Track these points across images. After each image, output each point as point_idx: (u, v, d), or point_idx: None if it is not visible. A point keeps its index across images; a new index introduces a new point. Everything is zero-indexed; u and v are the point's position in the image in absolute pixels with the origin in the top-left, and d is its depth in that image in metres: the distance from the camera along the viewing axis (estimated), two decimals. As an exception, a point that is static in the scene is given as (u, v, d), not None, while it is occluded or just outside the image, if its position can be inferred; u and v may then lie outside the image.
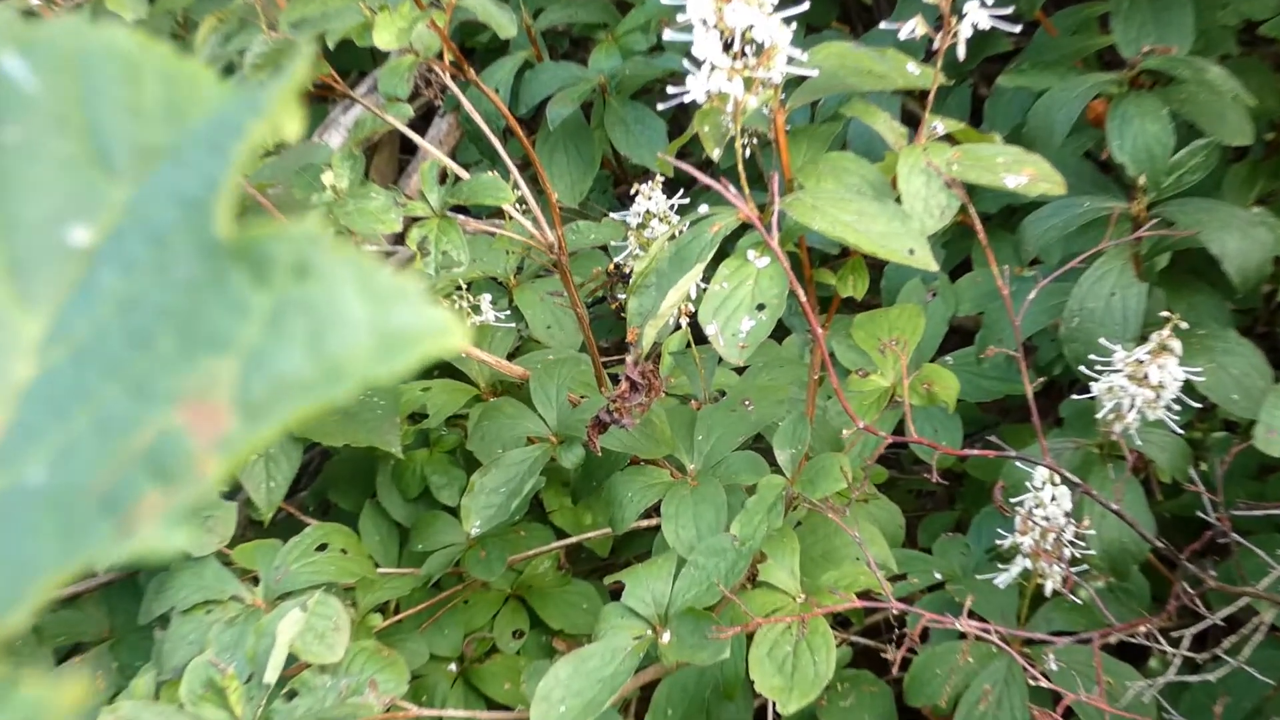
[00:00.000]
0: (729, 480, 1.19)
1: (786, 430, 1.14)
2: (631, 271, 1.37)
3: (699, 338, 1.33)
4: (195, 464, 0.24)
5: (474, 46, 2.28)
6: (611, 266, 1.34)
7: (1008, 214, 1.74)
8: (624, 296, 1.43)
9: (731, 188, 0.96)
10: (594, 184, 1.97)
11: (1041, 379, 1.16)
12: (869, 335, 1.19)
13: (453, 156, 2.37)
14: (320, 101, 2.25)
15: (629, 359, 1.03)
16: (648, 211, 1.34)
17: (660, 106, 1.01)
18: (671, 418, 1.26)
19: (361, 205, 1.11)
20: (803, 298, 0.97)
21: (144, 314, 0.27)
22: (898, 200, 1.03)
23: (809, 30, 1.73)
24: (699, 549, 1.12)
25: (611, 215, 1.44)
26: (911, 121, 1.78)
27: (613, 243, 1.45)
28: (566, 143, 1.89)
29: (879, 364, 1.20)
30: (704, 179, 0.97)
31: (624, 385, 1.03)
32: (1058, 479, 1.23)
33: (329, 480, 1.52)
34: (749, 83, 0.99)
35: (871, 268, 1.12)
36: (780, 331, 1.69)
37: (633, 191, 1.35)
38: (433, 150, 1.23)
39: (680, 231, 1.32)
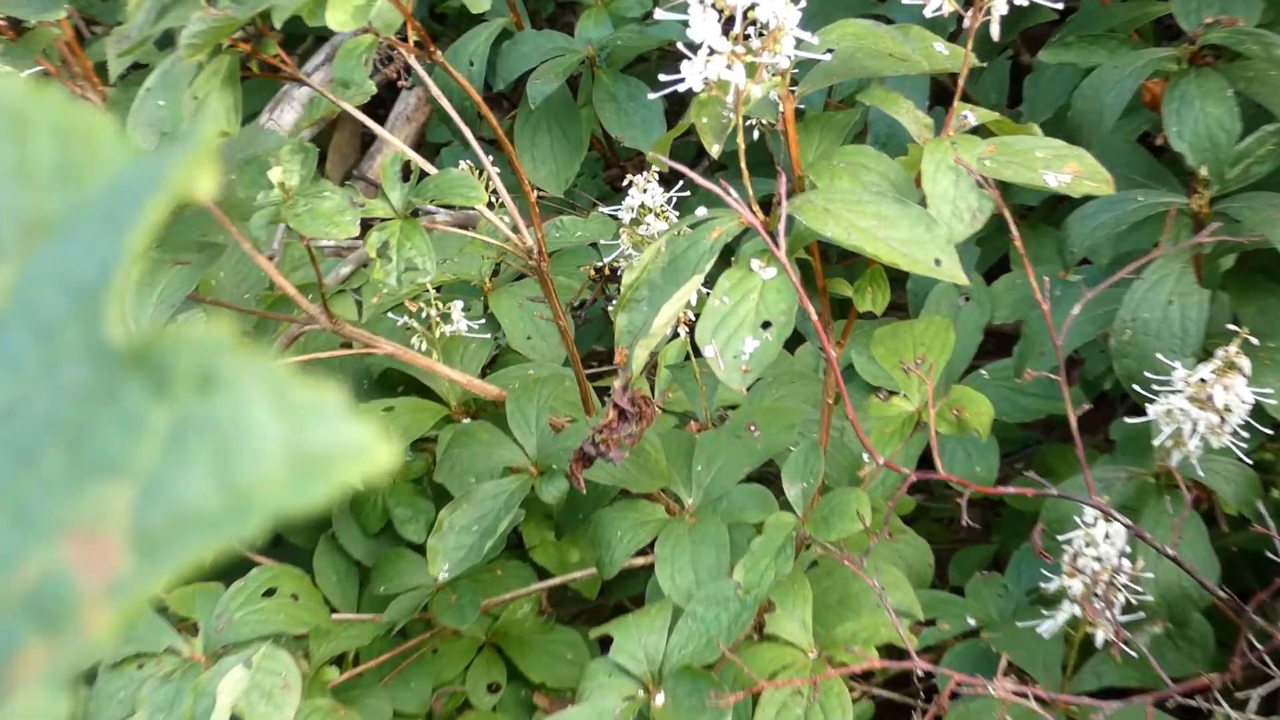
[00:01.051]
0: (732, 518, 1.19)
1: (797, 462, 1.14)
2: (621, 272, 1.36)
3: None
4: (83, 611, 0.24)
5: (445, 11, 2.27)
6: (593, 271, 1.34)
7: (1051, 205, 1.74)
8: (615, 302, 1.43)
9: (733, 191, 0.95)
10: (581, 168, 1.97)
11: (1088, 406, 1.15)
12: (890, 352, 1.19)
13: (422, 135, 2.36)
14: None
15: (617, 384, 1.03)
16: (642, 205, 1.34)
17: (651, 96, 1.01)
18: (667, 444, 1.25)
19: (313, 206, 1.11)
20: (814, 316, 0.96)
21: (28, 424, 0.27)
22: (922, 202, 1.03)
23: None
24: (698, 597, 1.12)
25: (601, 209, 1.43)
26: (945, 99, 1.78)
27: (603, 241, 1.44)
28: (550, 123, 1.89)
29: (902, 385, 1.20)
30: (701, 181, 0.97)
31: (611, 414, 1.03)
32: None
33: (279, 513, 1.52)
34: (752, 69, 0.98)
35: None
36: (793, 339, 1.69)
37: (625, 182, 1.34)
38: (394, 141, 1.23)
39: (680, 232, 1.32)
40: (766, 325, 1.00)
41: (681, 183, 1.41)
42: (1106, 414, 2.00)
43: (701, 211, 1.07)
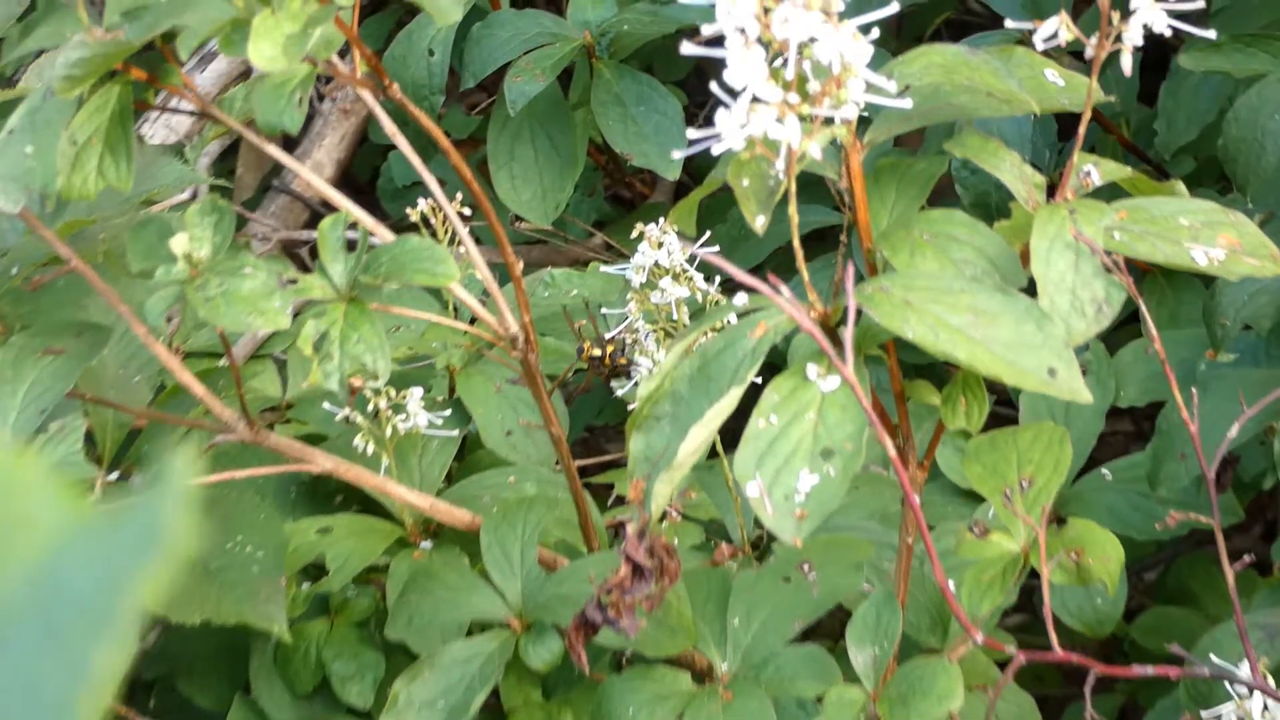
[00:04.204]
0: (780, 689, 1.20)
1: (868, 620, 1.15)
2: (621, 347, 1.37)
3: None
4: None
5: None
6: (588, 356, 1.34)
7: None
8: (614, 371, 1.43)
9: (783, 288, 0.97)
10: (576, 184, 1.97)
11: (1246, 543, 1.16)
12: (989, 471, 1.20)
13: (363, 133, 2.37)
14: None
15: (631, 530, 1.04)
16: (656, 265, 1.34)
17: (676, 154, 1.02)
18: (693, 588, 1.26)
19: (230, 288, 1.12)
20: (892, 451, 0.98)
21: None
22: (1030, 288, 1.04)
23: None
24: (737, 801, 1.13)
25: (602, 268, 1.45)
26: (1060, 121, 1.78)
27: (604, 310, 1.45)
28: (534, 130, 1.89)
29: (1003, 516, 1.21)
30: (738, 274, 0.98)
31: (624, 571, 1.04)
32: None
33: (179, 664, 1.53)
34: (807, 120, 0.99)
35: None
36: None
37: (634, 234, 1.34)
38: (330, 190, 1.24)
39: (702, 290, 1.33)
40: (828, 455, 1.01)
41: (710, 232, 1.42)
42: (1265, 506, 2.01)
43: (742, 299, 1.08)
